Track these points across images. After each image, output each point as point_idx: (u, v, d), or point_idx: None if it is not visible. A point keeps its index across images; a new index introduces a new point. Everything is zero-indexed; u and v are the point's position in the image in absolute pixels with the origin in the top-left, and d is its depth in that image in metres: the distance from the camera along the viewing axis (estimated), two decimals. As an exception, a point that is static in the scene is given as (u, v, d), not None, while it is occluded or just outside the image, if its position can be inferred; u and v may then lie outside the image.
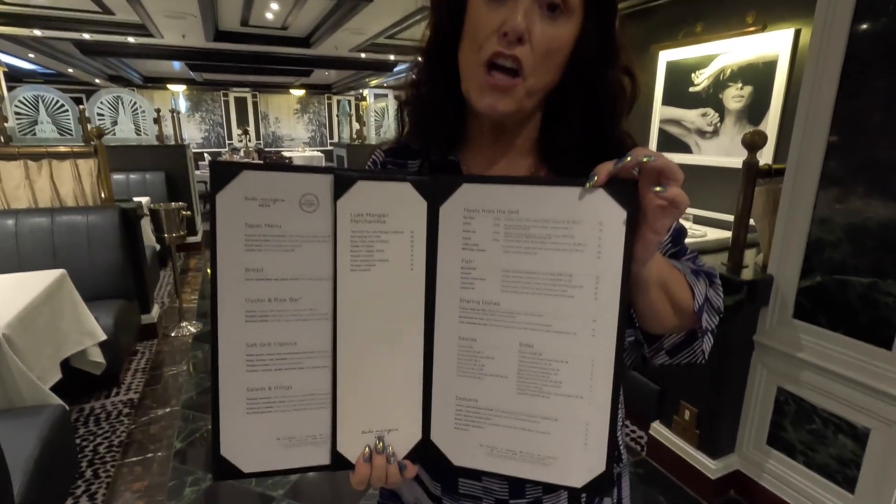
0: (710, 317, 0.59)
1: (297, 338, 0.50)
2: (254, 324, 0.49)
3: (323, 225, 0.49)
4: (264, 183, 0.47)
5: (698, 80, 3.35)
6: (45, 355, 1.95)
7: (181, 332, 3.35)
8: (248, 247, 0.48)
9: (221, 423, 0.49)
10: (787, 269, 1.62)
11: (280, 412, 0.51)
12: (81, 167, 3.01)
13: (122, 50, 6.41)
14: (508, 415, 0.52)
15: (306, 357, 0.51)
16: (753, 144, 1.64)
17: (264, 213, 0.48)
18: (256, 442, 0.50)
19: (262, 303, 0.49)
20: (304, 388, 0.51)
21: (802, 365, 1.59)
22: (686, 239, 0.67)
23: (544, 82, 0.54)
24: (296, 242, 0.49)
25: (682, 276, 0.58)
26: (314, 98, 13.15)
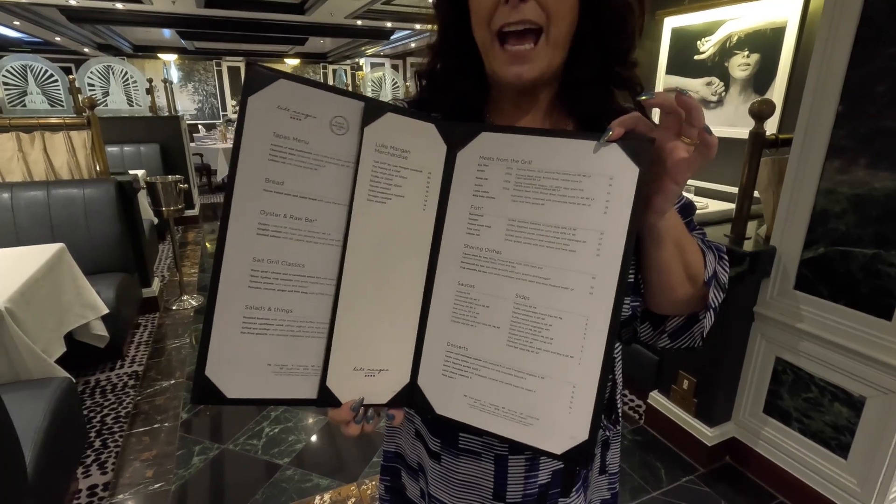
0: (716, 293, 0.58)
1: (305, 260, 0.49)
2: (265, 238, 0.47)
3: (349, 149, 0.49)
4: (299, 96, 0.46)
5: (704, 48, 3.27)
6: (48, 329, 1.96)
7: (182, 306, 3.36)
8: (272, 157, 0.46)
9: (212, 341, 0.46)
10: (790, 240, 1.61)
11: (275, 335, 0.48)
12: (75, 139, 2.95)
13: (110, 17, 6.20)
14: (496, 367, 0.51)
15: (311, 281, 0.49)
16: (761, 114, 1.61)
17: (294, 126, 0.46)
18: (245, 366, 0.48)
19: (277, 217, 0.47)
20: (303, 314, 0.49)
21: (802, 335, 1.61)
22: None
23: (565, 30, 0.53)
24: (320, 162, 0.48)
25: (694, 240, 0.57)
26: (309, 67, 12.86)
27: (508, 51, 0.53)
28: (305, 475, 1.85)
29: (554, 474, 0.66)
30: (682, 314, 0.61)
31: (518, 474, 0.65)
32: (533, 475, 0.65)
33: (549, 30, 0.51)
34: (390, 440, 0.80)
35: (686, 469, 1.88)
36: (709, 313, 0.58)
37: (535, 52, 0.52)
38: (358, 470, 1.88)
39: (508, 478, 0.65)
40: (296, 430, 2.10)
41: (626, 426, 2.12)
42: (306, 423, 2.15)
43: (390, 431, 0.80)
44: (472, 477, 0.66)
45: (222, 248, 0.47)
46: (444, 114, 0.62)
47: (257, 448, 1.99)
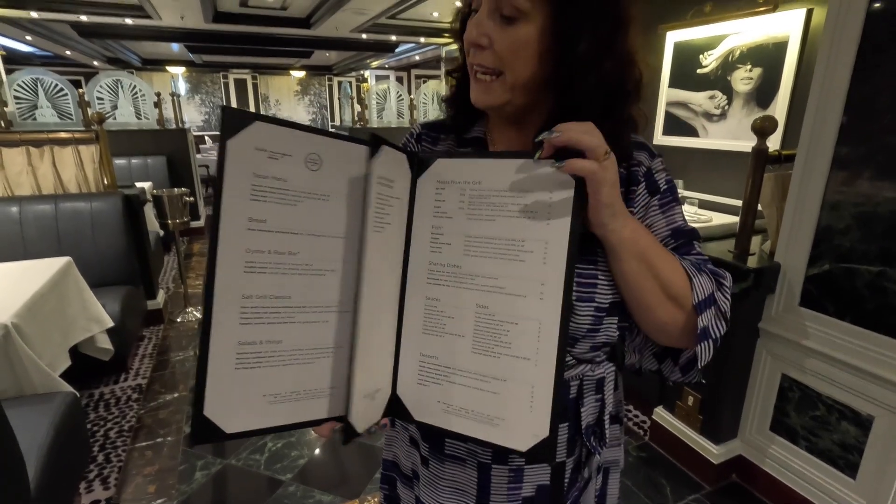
0: (716, 322, 0.58)
1: (291, 291, 0.50)
2: (252, 275, 0.48)
3: (323, 184, 0.51)
4: (275, 136, 0.48)
5: (706, 62, 3.29)
6: (53, 343, 1.97)
7: (187, 318, 3.38)
8: (253, 197, 0.48)
9: (209, 381, 0.47)
10: (794, 256, 1.61)
11: (267, 367, 0.50)
12: (83, 153, 2.99)
13: (119, 32, 6.31)
14: (463, 373, 0.55)
15: (298, 311, 0.51)
16: (763, 130, 1.61)
17: (272, 166, 0.48)
18: (241, 400, 0.49)
19: (262, 254, 0.48)
20: (292, 343, 0.51)
21: (808, 352, 1.60)
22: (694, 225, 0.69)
23: (522, 77, 0.58)
24: (298, 197, 0.50)
25: (675, 259, 0.59)
26: (315, 79, 13.00)
27: (475, 80, 0.61)
28: (308, 491, 1.84)
29: (539, 490, 0.67)
30: (680, 345, 0.61)
31: (501, 484, 0.67)
32: (516, 486, 0.66)
33: (504, 74, 0.58)
34: (388, 449, 0.83)
35: (692, 487, 1.86)
36: (704, 343, 0.57)
37: (492, 86, 0.59)
38: (360, 486, 1.87)
39: (492, 486, 0.67)
40: (298, 446, 2.09)
41: (631, 442, 2.10)
42: (309, 439, 2.14)
43: (388, 440, 0.82)
44: (457, 483, 0.68)
45: (212, 289, 0.47)
46: (457, 132, 0.71)
47: (260, 463, 1.99)
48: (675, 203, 0.65)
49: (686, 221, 0.65)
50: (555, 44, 0.56)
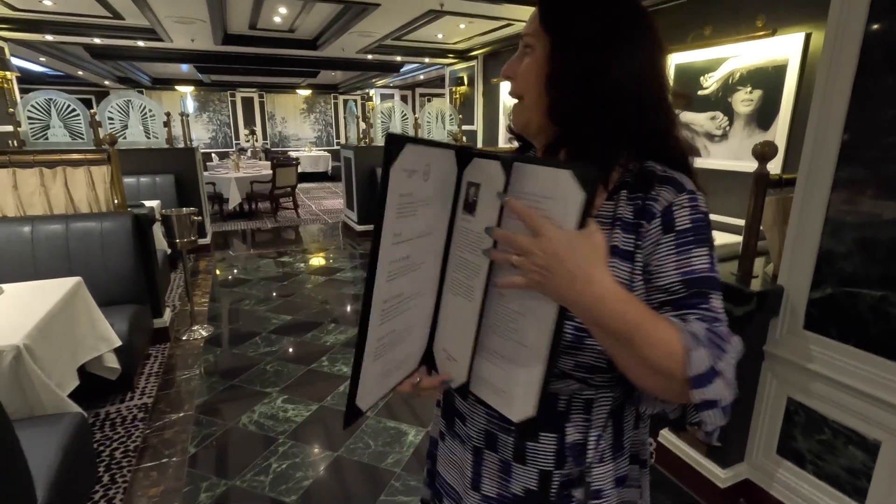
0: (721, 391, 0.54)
1: (404, 288, 0.58)
2: (390, 282, 0.56)
3: (430, 190, 0.57)
4: (415, 155, 0.53)
5: (707, 84, 3.34)
6: (63, 363, 1.99)
7: (193, 336, 3.39)
8: (399, 214, 0.53)
9: (362, 377, 0.55)
10: (797, 279, 1.62)
11: (389, 352, 0.59)
12: (95, 173, 3.05)
13: (131, 53, 6.46)
14: (487, 350, 0.61)
15: (407, 301, 0.59)
16: (764, 155, 1.64)
17: (407, 182, 0.53)
18: (373, 383, 0.59)
19: (397, 262, 0.55)
20: (402, 326, 0.60)
21: (813, 376, 1.60)
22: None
23: (534, 100, 0.66)
24: (416, 207, 0.56)
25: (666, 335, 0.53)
26: (320, 98, 13.20)
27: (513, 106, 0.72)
28: (312, 514, 1.83)
29: (527, 492, 0.70)
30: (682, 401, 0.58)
31: (493, 471, 0.73)
32: (506, 480, 0.72)
33: (524, 98, 0.68)
34: (434, 427, 0.89)
35: (699, 511, 1.84)
36: (708, 412, 0.54)
37: (517, 109, 0.70)
38: (365, 509, 1.86)
39: (483, 471, 0.74)
40: (303, 467, 2.09)
41: (637, 465, 2.08)
42: (314, 459, 2.14)
43: (435, 421, 0.89)
44: (458, 461, 0.78)
45: (370, 300, 0.54)
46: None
47: (264, 485, 1.98)
48: (696, 246, 0.59)
49: (712, 266, 0.59)
50: (551, 70, 0.63)
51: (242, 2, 4.32)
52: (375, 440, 2.27)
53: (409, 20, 4.60)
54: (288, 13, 4.80)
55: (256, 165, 8.71)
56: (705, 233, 0.60)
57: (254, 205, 8.04)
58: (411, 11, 4.30)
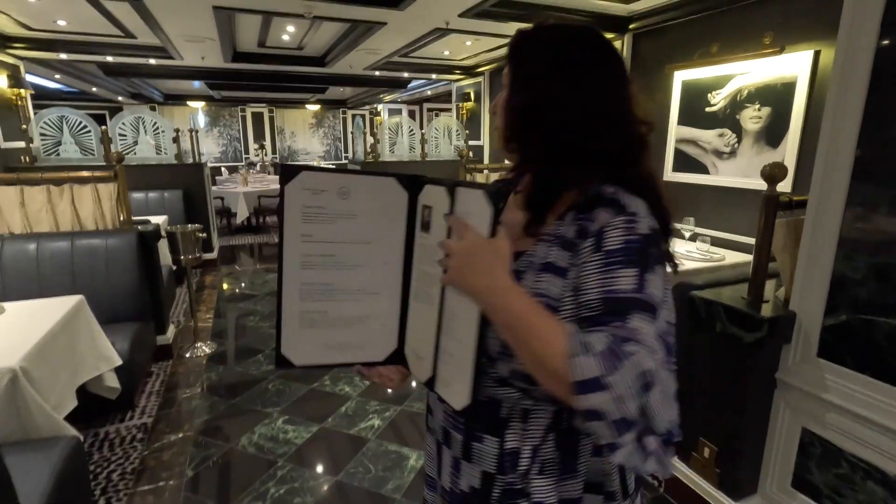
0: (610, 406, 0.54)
1: (332, 280, 0.73)
2: (306, 270, 0.72)
3: (355, 207, 0.71)
4: (317, 178, 0.69)
5: (715, 101, 3.31)
6: (61, 383, 1.97)
7: (196, 353, 3.38)
8: (304, 219, 0.70)
9: (283, 332, 0.73)
10: (810, 305, 1.57)
11: (321, 328, 0.75)
12: (101, 190, 3.07)
13: (143, 71, 6.57)
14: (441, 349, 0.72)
15: (338, 292, 0.74)
16: (773, 177, 1.60)
17: (315, 198, 0.69)
18: (306, 346, 0.74)
19: (312, 256, 0.71)
20: (337, 313, 0.75)
21: (828, 406, 1.53)
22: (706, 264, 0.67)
23: (503, 131, 0.74)
24: (334, 218, 0.71)
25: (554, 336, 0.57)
26: (329, 112, 13.33)
27: None
28: (309, 543, 1.78)
29: (472, 490, 0.76)
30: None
31: (448, 465, 0.80)
32: (457, 475, 0.78)
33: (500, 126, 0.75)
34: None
35: (710, 545, 1.76)
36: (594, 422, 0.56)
37: (496, 135, 0.80)
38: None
39: (442, 465, 0.82)
40: (301, 492, 2.04)
41: (646, 495, 2.01)
42: (313, 484, 2.09)
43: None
44: (431, 452, 0.88)
45: (281, 277, 0.71)
46: None
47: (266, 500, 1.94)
48: (623, 266, 0.61)
49: (640, 288, 0.59)
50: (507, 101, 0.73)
51: (251, 21, 4.38)
52: (376, 464, 2.22)
53: (416, 38, 4.64)
54: (296, 31, 4.87)
55: (265, 180, 8.78)
56: (636, 255, 0.62)
57: (262, 219, 8.09)
58: (417, 29, 4.33)
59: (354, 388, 2.90)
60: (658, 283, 0.62)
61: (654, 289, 0.61)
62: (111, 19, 4.11)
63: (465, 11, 3.67)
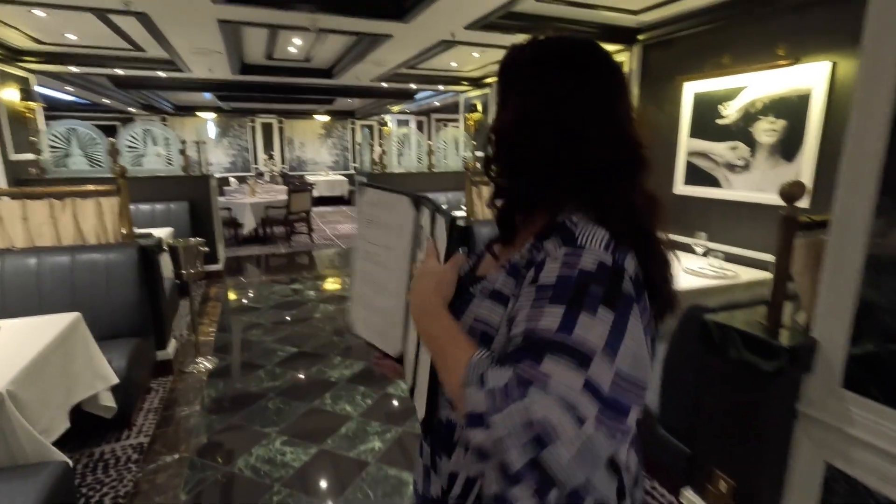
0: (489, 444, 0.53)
1: (373, 272, 0.84)
2: (363, 261, 0.86)
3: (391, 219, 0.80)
4: (369, 194, 0.85)
5: (727, 113, 3.23)
6: (53, 405, 1.92)
7: (196, 369, 3.33)
8: (365, 224, 0.85)
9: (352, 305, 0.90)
10: (833, 333, 1.47)
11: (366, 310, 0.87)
12: (104, 204, 3.05)
13: (152, 83, 6.63)
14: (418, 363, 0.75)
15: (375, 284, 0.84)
16: (791, 196, 1.52)
17: (370, 208, 0.84)
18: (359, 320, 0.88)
19: (366, 252, 0.85)
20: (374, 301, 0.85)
21: (854, 442, 1.43)
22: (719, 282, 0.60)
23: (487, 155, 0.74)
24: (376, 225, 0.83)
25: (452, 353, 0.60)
26: (338, 123, 13.40)
27: None
28: (303, 576, 1.70)
29: (443, 491, 0.74)
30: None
31: (421, 472, 0.82)
32: (427, 482, 0.79)
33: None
34: None
35: (727, 586, 1.66)
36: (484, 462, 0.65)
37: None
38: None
39: (422, 466, 0.82)
40: (297, 520, 1.97)
41: (657, 528, 1.91)
42: (309, 511, 2.02)
43: None
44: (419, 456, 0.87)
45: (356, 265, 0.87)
46: None
47: (255, 540, 1.87)
48: (551, 303, 0.55)
49: (564, 330, 0.52)
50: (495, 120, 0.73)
51: (257, 34, 4.39)
52: (375, 490, 2.14)
53: (422, 50, 4.62)
54: (302, 44, 4.87)
55: (273, 190, 8.80)
56: (569, 292, 0.55)
57: (269, 229, 8.09)
58: (423, 41, 4.31)
59: (355, 407, 2.83)
60: (597, 328, 0.53)
61: (586, 333, 0.52)
62: (119, 33, 4.13)
63: (472, 24, 3.63)
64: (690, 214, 3.56)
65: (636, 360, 0.54)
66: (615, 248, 0.58)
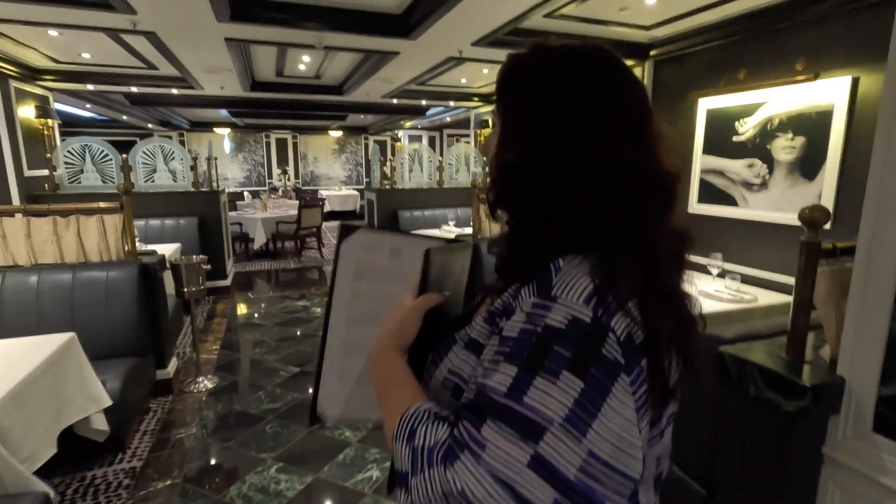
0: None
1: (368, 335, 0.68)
2: (352, 326, 0.72)
3: (402, 266, 0.70)
4: (371, 238, 0.71)
5: (743, 129, 3.11)
6: (39, 430, 1.87)
7: (196, 389, 3.27)
8: (356, 277, 0.71)
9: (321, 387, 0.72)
10: (861, 371, 1.35)
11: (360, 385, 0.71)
12: (107, 221, 3.04)
13: (166, 100, 6.74)
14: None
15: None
16: (813, 222, 1.40)
17: (369, 256, 0.71)
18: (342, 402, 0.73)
19: (360, 313, 0.71)
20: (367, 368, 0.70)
21: (887, 492, 1.29)
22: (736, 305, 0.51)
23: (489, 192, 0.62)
24: (383, 276, 0.71)
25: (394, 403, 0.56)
26: (351, 138, 13.51)
27: None
28: None
29: None
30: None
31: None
32: None
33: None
34: None
35: None
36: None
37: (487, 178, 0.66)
38: None
39: None
40: (286, 556, 1.87)
41: (671, 576, 1.77)
42: (299, 547, 1.92)
43: None
44: None
45: (326, 332, 0.71)
46: None
47: (241, 578, 1.77)
48: (506, 361, 0.48)
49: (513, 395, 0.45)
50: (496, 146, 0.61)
51: (267, 51, 4.42)
52: (370, 525, 2.04)
53: (430, 66, 4.60)
54: (311, 61, 4.89)
55: (284, 205, 8.84)
56: (526, 351, 0.47)
57: (280, 244, 8.10)
58: (431, 58, 4.29)
59: (355, 433, 2.73)
60: (556, 396, 0.44)
61: (541, 400, 0.44)
62: (132, 52, 4.19)
63: (478, 40, 3.60)
64: (705, 234, 3.43)
65: (620, 444, 0.44)
66: (600, 301, 0.47)
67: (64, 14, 3.06)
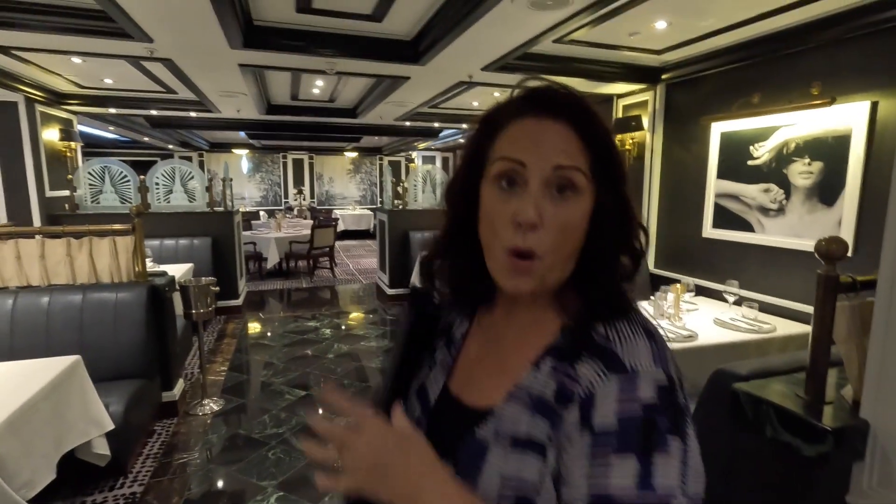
0: None
1: None
2: None
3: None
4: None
5: (758, 154, 3.05)
6: (38, 455, 1.85)
7: (202, 411, 3.25)
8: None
9: None
10: (887, 414, 1.26)
11: None
12: (119, 243, 3.07)
13: (185, 123, 6.91)
14: None
15: None
16: (830, 254, 1.34)
17: None
18: None
19: None
20: None
21: (920, 549, 1.20)
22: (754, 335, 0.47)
23: (562, 258, 0.53)
24: None
25: None
26: (366, 159, 13.69)
27: (513, 264, 0.52)
28: None
29: None
30: None
31: None
32: None
33: (543, 258, 0.52)
34: None
35: None
36: None
37: (533, 269, 0.52)
38: None
39: None
40: None
41: None
42: (295, 584, 1.85)
43: None
44: None
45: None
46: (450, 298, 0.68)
47: None
48: (618, 455, 0.44)
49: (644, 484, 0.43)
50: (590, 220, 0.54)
51: (281, 76, 4.51)
52: (369, 562, 1.96)
53: (441, 90, 4.64)
54: (325, 85, 4.98)
55: (299, 225, 8.93)
56: (636, 436, 0.45)
57: (294, 263, 8.15)
58: (441, 83, 4.33)
59: (358, 461, 2.67)
60: (673, 464, 0.44)
61: (664, 477, 0.43)
62: (151, 77, 4.31)
63: (488, 65, 3.61)
64: (720, 259, 3.34)
65: (698, 475, 0.46)
66: (657, 355, 0.48)
67: (86, 43, 3.16)
